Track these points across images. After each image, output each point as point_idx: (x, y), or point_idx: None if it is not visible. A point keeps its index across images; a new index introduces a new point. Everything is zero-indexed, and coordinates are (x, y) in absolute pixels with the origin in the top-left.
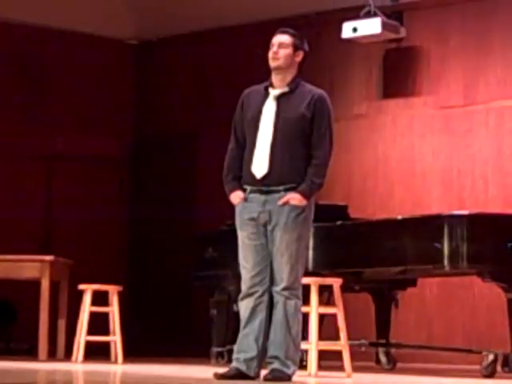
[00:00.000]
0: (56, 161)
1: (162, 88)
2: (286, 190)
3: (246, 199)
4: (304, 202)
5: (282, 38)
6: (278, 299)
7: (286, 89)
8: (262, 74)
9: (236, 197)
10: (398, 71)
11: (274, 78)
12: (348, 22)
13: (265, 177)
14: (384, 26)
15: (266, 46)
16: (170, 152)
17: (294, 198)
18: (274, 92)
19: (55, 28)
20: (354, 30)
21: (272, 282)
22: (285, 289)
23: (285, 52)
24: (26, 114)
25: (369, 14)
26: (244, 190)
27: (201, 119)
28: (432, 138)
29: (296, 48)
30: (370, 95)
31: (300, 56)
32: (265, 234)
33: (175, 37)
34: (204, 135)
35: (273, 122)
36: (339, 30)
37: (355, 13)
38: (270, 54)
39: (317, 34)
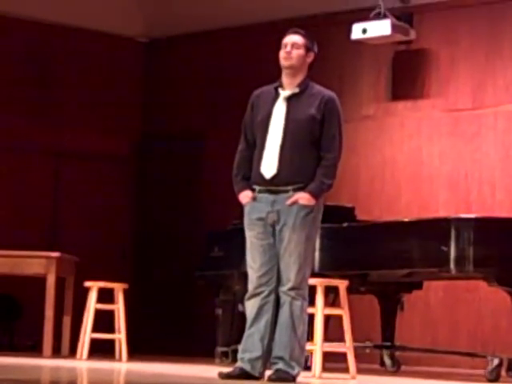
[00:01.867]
0: (63, 157)
1: (170, 87)
2: (295, 190)
3: (254, 199)
4: (313, 202)
5: (295, 38)
6: (285, 299)
7: (296, 90)
8: (272, 75)
9: (245, 196)
10: (406, 73)
11: (285, 79)
12: (358, 24)
13: (274, 177)
14: (394, 27)
15: (275, 46)
16: (176, 151)
17: (303, 198)
18: (284, 93)
19: (64, 25)
20: (364, 31)
21: (279, 281)
22: (291, 289)
23: (298, 52)
24: (35, 110)
25: (378, 16)
26: (253, 190)
27: (208, 119)
28: (440, 140)
29: (308, 49)
30: (378, 97)
31: (311, 57)
32: (273, 233)
33: (184, 35)
34: (211, 135)
35: (283, 123)
36: (349, 31)
37: (365, 14)
38: (283, 54)
39: (326, 34)
